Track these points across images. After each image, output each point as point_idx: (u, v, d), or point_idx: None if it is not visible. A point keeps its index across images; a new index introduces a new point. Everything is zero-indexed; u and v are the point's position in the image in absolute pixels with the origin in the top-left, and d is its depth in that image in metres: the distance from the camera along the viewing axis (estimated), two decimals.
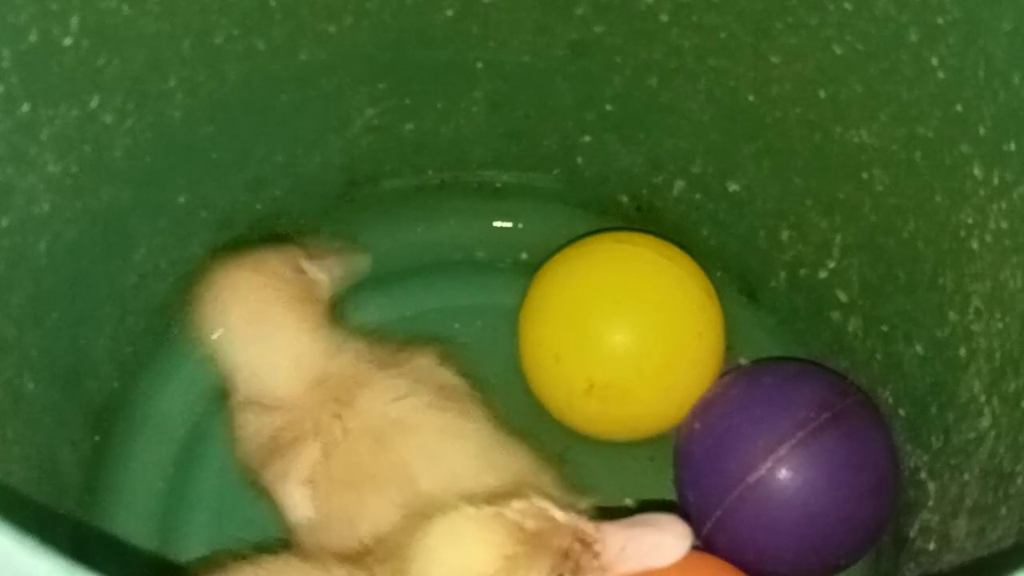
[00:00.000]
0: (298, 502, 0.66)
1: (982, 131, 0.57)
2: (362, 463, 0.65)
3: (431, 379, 0.69)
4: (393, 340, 0.71)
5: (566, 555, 0.54)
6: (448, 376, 0.70)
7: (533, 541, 0.54)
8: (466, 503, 0.56)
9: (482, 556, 0.54)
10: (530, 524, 0.54)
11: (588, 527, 0.56)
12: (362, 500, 0.65)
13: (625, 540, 0.56)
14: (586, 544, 0.55)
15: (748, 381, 0.72)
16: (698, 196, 0.77)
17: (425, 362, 0.70)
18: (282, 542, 0.68)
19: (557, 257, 0.76)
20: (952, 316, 0.63)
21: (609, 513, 0.73)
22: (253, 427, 0.68)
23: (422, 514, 0.57)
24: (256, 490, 0.69)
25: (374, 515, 0.64)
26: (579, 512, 0.57)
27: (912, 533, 0.67)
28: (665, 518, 0.58)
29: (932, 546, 0.64)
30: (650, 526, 0.57)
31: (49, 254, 0.64)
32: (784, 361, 0.75)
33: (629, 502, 0.74)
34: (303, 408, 0.67)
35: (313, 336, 0.68)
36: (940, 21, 0.57)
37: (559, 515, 0.55)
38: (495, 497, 0.56)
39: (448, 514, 0.55)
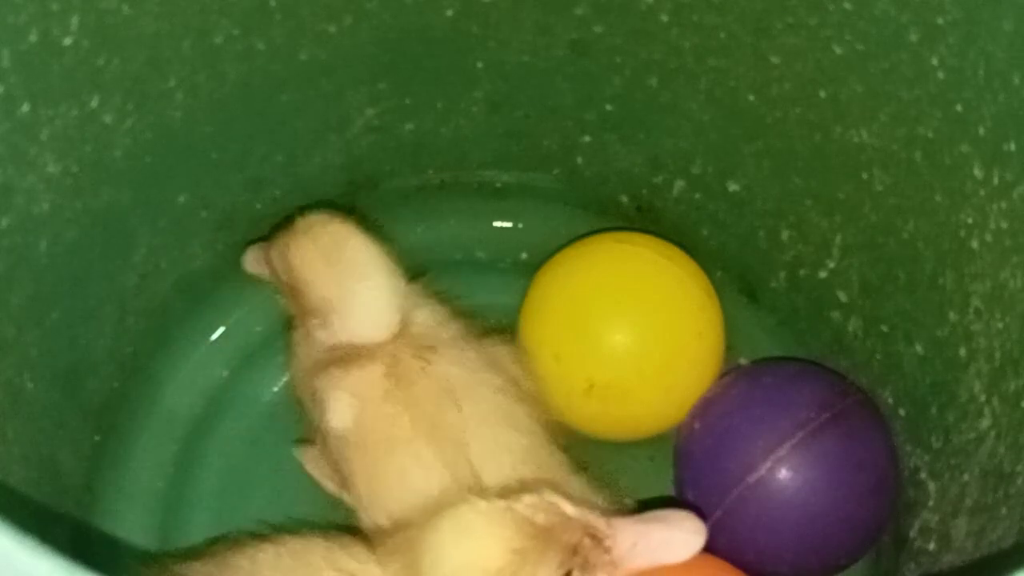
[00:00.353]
0: (340, 409, 0.66)
1: (982, 131, 0.57)
2: (426, 408, 0.65)
3: (507, 369, 0.70)
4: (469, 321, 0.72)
5: (575, 550, 0.54)
6: (520, 374, 0.71)
7: (542, 535, 0.54)
8: (476, 497, 0.56)
9: (490, 550, 0.54)
10: (540, 518, 0.54)
11: (599, 522, 0.56)
12: (407, 438, 0.65)
13: (636, 536, 0.56)
14: (596, 539, 0.55)
15: (748, 381, 0.72)
16: (698, 196, 0.77)
17: (505, 352, 0.71)
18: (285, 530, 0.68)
19: (557, 257, 0.76)
20: (952, 316, 0.63)
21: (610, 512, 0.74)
22: (313, 346, 0.69)
23: (432, 509, 0.57)
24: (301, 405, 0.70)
25: (414, 458, 0.64)
26: (593, 508, 0.57)
27: (912, 533, 0.67)
28: (677, 514, 0.58)
29: (932, 546, 0.64)
30: (662, 522, 0.57)
31: (49, 254, 0.64)
32: (784, 361, 0.75)
33: (629, 502, 0.74)
34: (380, 347, 0.67)
35: (402, 286, 0.69)
36: (940, 21, 0.57)
37: (569, 510, 0.55)
38: (506, 491, 0.56)
39: (458, 508, 0.55)
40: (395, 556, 0.58)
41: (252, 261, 0.74)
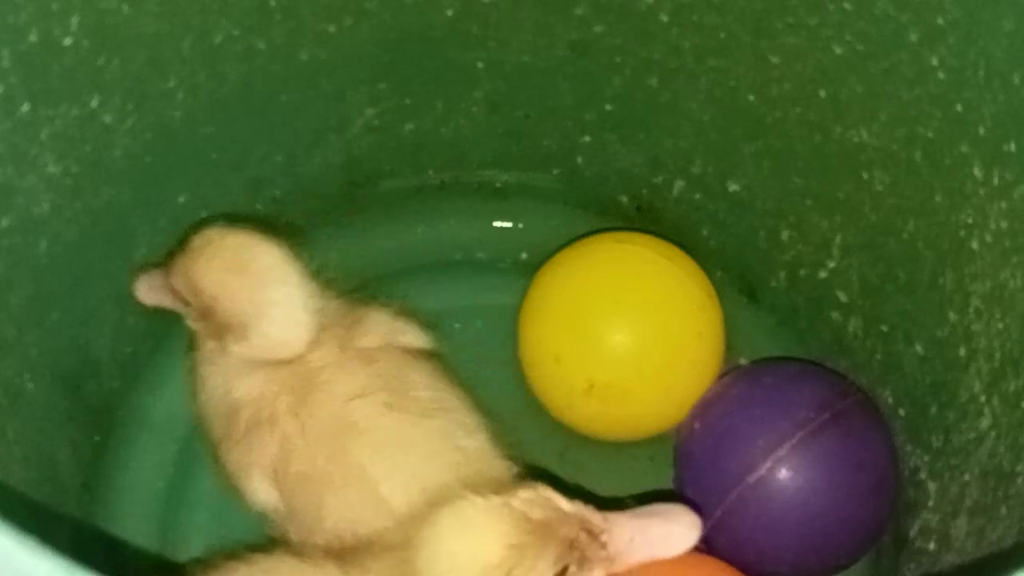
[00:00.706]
0: (261, 493, 0.66)
1: (982, 131, 0.57)
2: (319, 463, 0.64)
3: (388, 349, 0.68)
4: (352, 296, 0.70)
5: (572, 545, 0.54)
6: (407, 337, 0.69)
7: (539, 531, 0.54)
8: (472, 492, 0.55)
9: (488, 545, 0.54)
10: (536, 514, 0.54)
11: (595, 517, 0.56)
12: (322, 499, 0.64)
13: (633, 531, 0.56)
14: (593, 534, 0.55)
15: (748, 381, 0.72)
16: (698, 196, 0.77)
17: (380, 324, 0.69)
18: (277, 541, 0.68)
19: (557, 257, 0.76)
20: (952, 316, 0.63)
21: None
22: (215, 382, 0.67)
23: (429, 503, 0.57)
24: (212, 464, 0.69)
25: (337, 513, 0.63)
26: (586, 503, 0.57)
27: (912, 533, 0.67)
28: (674, 508, 0.58)
29: (932, 546, 0.64)
30: (659, 516, 0.57)
31: (49, 254, 0.64)
32: (784, 361, 0.75)
33: (629, 502, 0.74)
34: (263, 393, 0.66)
35: (314, 289, 0.67)
36: (940, 21, 0.57)
37: (566, 505, 0.55)
38: (501, 486, 0.56)
39: (455, 503, 0.55)
40: (379, 560, 0.58)
41: (146, 291, 0.70)
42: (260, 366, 0.66)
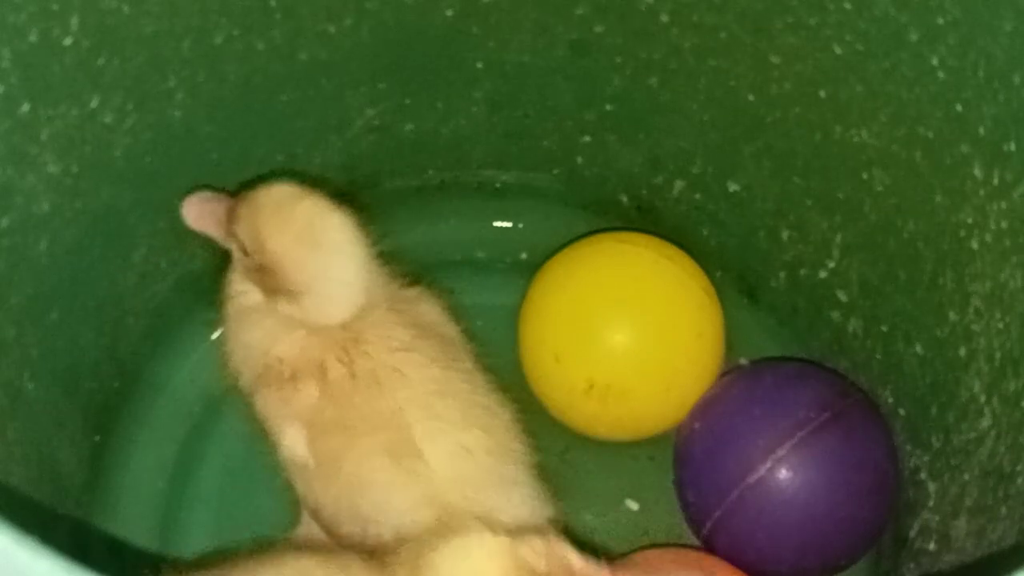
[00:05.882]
0: (295, 443, 0.66)
1: (982, 131, 0.57)
2: (357, 405, 0.65)
3: (433, 329, 0.69)
4: (402, 275, 0.71)
5: None
6: (449, 328, 0.71)
7: None
8: (486, 526, 0.55)
9: None
10: (542, 566, 0.53)
11: None
12: (351, 442, 0.65)
13: None
14: None
15: (748, 381, 0.72)
16: (698, 196, 0.78)
17: (428, 310, 0.71)
18: (283, 541, 0.68)
19: (557, 257, 0.76)
20: (952, 316, 0.63)
21: (609, 513, 0.74)
22: (253, 335, 0.68)
23: (442, 524, 0.57)
24: (244, 407, 0.69)
25: (360, 458, 0.64)
26: (598, 560, 0.56)
27: (912, 533, 0.67)
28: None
29: (932, 546, 0.64)
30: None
31: (49, 254, 0.64)
32: (784, 361, 0.75)
33: (629, 502, 0.74)
34: (310, 344, 0.67)
35: (371, 262, 0.68)
36: (940, 21, 0.57)
37: (576, 562, 0.54)
38: (517, 529, 0.55)
39: (465, 533, 0.55)
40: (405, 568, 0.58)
41: (196, 216, 0.69)
42: (305, 325, 0.67)
